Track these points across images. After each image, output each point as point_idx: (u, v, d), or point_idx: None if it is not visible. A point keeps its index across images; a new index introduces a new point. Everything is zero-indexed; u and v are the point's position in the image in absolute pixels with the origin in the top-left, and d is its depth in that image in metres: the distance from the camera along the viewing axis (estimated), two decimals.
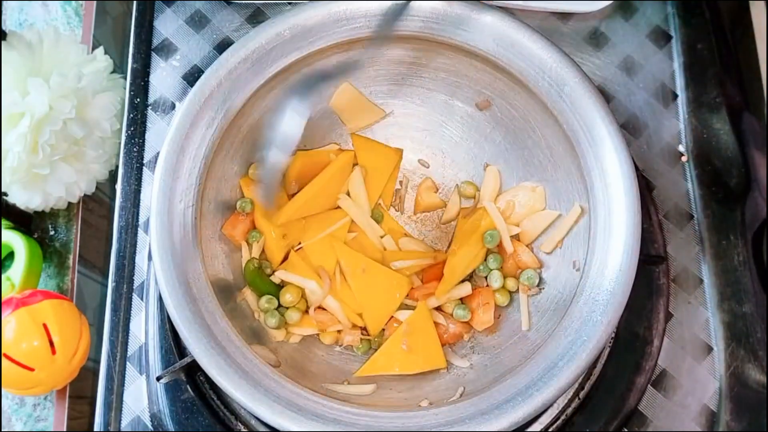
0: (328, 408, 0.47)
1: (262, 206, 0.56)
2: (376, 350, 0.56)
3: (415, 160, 0.62)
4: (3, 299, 0.56)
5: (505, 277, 0.57)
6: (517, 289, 0.56)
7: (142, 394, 0.58)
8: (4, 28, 0.60)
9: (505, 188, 0.59)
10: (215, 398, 0.56)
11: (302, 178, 0.59)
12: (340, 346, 0.57)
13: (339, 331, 0.57)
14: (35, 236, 0.64)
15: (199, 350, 0.47)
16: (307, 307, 0.57)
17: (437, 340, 0.55)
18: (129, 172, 0.63)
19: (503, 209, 0.58)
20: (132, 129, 0.64)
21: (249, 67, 0.53)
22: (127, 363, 0.58)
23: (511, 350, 0.53)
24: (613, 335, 0.56)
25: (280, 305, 0.56)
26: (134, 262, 0.61)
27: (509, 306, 0.56)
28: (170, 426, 0.55)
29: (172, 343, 0.57)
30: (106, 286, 0.60)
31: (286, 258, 0.57)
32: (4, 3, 0.69)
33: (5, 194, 0.60)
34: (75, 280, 0.63)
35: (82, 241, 0.63)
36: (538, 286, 0.55)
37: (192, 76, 0.66)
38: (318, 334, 0.57)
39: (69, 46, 0.61)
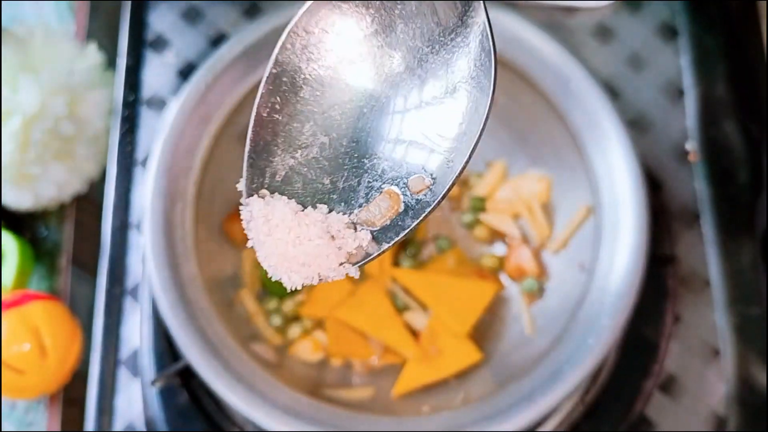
0: (326, 413, 0.46)
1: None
2: None
3: None
4: None
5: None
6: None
7: (136, 398, 0.56)
8: None
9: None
10: (211, 402, 0.54)
11: None
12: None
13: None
14: (27, 237, 0.63)
15: (193, 354, 0.46)
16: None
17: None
18: (121, 171, 0.62)
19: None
20: (125, 126, 0.63)
21: (245, 61, 0.51)
22: (121, 366, 0.57)
23: (515, 354, 0.52)
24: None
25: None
26: (128, 264, 0.60)
27: (513, 310, 0.55)
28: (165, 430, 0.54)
29: (167, 347, 0.55)
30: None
31: None
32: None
33: None
34: (67, 282, 0.62)
35: (74, 242, 0.63)
36: (538, 289, 0.54)
37: (187, 72, 0.64)
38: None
39: (61, 42, 0.60)
